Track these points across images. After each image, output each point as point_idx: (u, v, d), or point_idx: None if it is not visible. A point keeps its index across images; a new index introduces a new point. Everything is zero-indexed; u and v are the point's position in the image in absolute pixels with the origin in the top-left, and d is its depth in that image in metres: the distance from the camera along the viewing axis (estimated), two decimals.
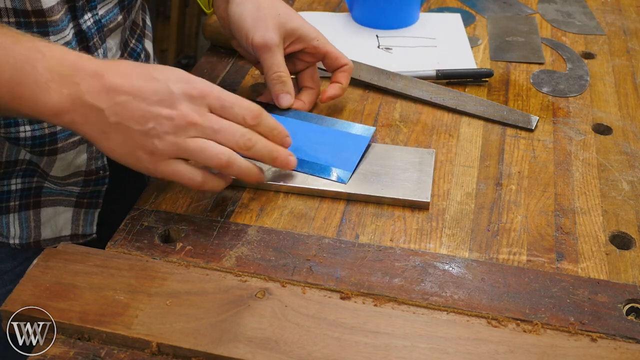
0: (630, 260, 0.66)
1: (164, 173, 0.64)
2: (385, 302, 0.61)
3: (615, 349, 0.57)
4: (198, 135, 0.63)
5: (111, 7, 0.78)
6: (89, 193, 0.82)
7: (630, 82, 0.94)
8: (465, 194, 0.74)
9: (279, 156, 0.69)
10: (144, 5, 0.98)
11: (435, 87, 0.90)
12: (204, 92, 0.64)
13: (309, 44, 0.80)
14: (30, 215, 0.81)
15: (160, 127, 0.62)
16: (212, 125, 0.64)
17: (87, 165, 0.78)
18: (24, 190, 0.80)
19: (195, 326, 0.58)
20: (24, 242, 0.82)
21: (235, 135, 0.65)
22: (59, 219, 0.83)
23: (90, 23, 0.75)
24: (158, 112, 0.62)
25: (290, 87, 0.78)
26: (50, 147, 0.75)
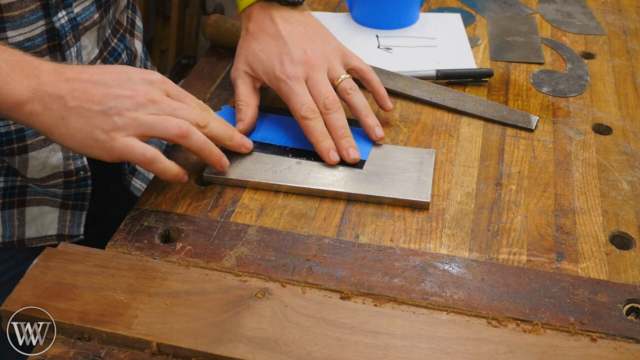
0: (630, 260, 0.66)
1: (119, 150, 0.65)
2: (385, 302, 0.61)
3: (615, 349, 0.57)
4: (156, 113, 0.67)
5: (87, 5, 0.78)
6: (73, 195, 0.81)
7: (630, 82, 0.94)
8: (465, 194, 0.74)
9: (235, 135, 0.73)
10: (134, 6, 0.98)
11: (435, 87, 0.90)
12: (162, 80, 0.69)
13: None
14: (14, 214, 0.81)
15: (121, 105, 0.65)
16: (170, 104, 0.68)
17: (64, 166, 0.77)
18: (7, 188, 0.79)
19: (195, 326, 0.58)
20: (6, 240, 0.81)
21: (192, 113, 0.69)
22: (45, 218, 0.82)
23: (65, 21, 0.75)
24: (118, 93, 0.66)
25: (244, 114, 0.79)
26: (18, 144, 0.74)
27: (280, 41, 0.78)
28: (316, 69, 0.77)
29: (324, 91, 0.76)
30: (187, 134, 0.67)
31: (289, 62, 0.77)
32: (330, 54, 0.79)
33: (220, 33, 0.99)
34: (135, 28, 0.96)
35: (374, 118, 0.78)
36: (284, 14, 0.81)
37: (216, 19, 1.00)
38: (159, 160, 0.66)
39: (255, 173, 0.74)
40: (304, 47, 0.78)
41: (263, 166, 0.75)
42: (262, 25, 0.80)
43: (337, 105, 0.76)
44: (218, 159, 0.71)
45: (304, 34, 0.79)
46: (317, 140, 0.75)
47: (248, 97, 0.79)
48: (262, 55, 0.78)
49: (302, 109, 0.75)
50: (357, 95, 0.78)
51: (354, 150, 0.75)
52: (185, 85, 0.91)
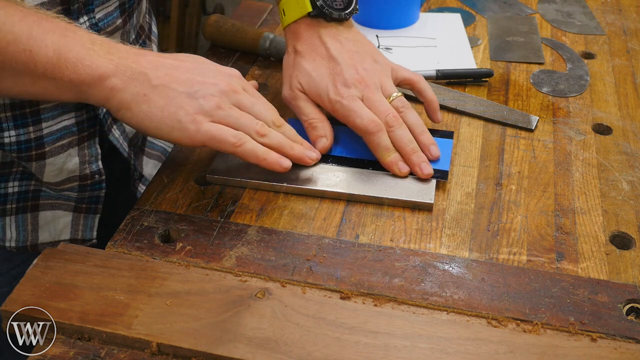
0: (630, 260, 0.66)
1: (206, 133, 0.66)
2: (385, 302, 0.61)
3: (615, 349, 0.57)
4: (236, 103, 0.68)
5: (111, 10, 0.78)
6: (87, 198, 0.81)
7: (630, 82, 0.94)
8: (465, 194, 0.74)
9: (304, 141, 0.74)
10: (150, 10, 0.98)
11: (435, 87, 0.90)
12: (239, 75, 0.72)
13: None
14: (27, 219, 0.81)
15: (205, 90, 0.67)
16: (249, 98, 0.70)
17: (80, 170, 0.77)
18: (21, 193, 0.79)
19: (195, 326, 0.58)
20: (20, 245, 0.81)
21: (268, 112, 0.71)
22: (58, 223, 0.82)
23: (86, 26, 0.75)
24: (202, 79, 0.68)
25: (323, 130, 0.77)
26: (37, 151, 0.74)
27: (332, 62, 0.77)
28: (371, 89, 0.76)
29: (383, 109, 0.75)
30: (266, 132, 0.68)
31: (342, 83, 0.76)
32: (380, 72, 0.78)
33: (220, 33, 0.99)
34: (152, 33, 0.96)
35: (429, 136, 0.77)
36: (333, 32, 0.79)
37: (216, 19, 1.00)
38: (248, 141, 0.67)
39: (258, 174, 0.74)
40: (356, 66, 0.77)
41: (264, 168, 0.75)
42: (310, 44, 0.79)
43: (400, 121, 0.75)
44: (301, 152, 0.72)
45: (355, 53, 0.78)
46: (383, 155, 0.74)
47: (317, 113, 0.78)
48: (314, 75, 0.77)
49: (365, 123, 0.74)
50: (411, 113, 0.77)
51: (426, 165, 0.74)
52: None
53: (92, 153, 0.77)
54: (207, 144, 0.67)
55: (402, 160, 0.74)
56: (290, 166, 0.69)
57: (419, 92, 0.81)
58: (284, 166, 0.68)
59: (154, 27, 0.98)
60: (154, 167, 0.92)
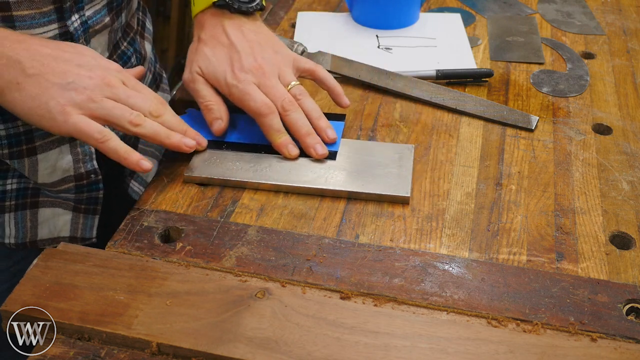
0: (630, 260, 0.66)
1: (73, 126, 0.66)
2: (385, 302, 0.61)
3: (615, 349, 0.57)
4: (111, 96, 0.68)
5: (98, 8, 0.78)
6: (85, 200, 0.81)
7: (630, 82, 0.94)
8: (465, 194, 0.74)
9: (188, 130, 0.74)
10: (144, 8, 0.98)
11: (435, 87, 0.90)
12: (119, 69, 0.72)
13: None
14: (27, 215, 0.81)
15: (79, 82, 0.67)
16: (126, 91, 0.70)
17: (75, 169, 0.77)
18: (20, 190, 0.79)
19: (195, 326, 0.58)
20: (19, 241, 0.81)
21: (146, 103, 0.71)
22: (58, 220, 0.83)
23: (77, 24, 0.75)
24: (78, 71, 0.68)
25: (219, 112, 0.78)
26: (28, 146, 0.74)
27: (232, 49, 0.79)
28: (267, 76, 0.77)
29: (279, 94, 0.77)
30: (139, 121, 0.69)
31: (240, 68, 0.77)
32: (280, 61, 0.80)
33: None
34: (146, 30, 0.96)
35: (325, 121, 0.79)
36: (236, 23, 0.81)
37: None
38: (113, 138, 0.67)
39: (237, 172, 0.74)
40: (255, 55, 0.79)
41: (244, 165, 0.75)
42: (214, 32, 0.81)
43: (295, 105, 0.77)
44: (178, 141, 0.71)
45: (255, 42, 0.80)
46: (274, 137, 0.76)
47: (214, 95, 0.79)
48: (213, 60, 0.79)
49: (257, 106, 0.75)
50: (307, 100, 0.79)
51: (320, 146, 0.76)
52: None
53: (85, 151, 0.77)
54: (74, 136, 0.68)
55: (292, 143, 0.76)
56: (150, 167, 0.69)
57: (320, 80, 0.82)
58: (143, 167, 0.69)
59: (149, 24, 0.98)
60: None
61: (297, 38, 1.02)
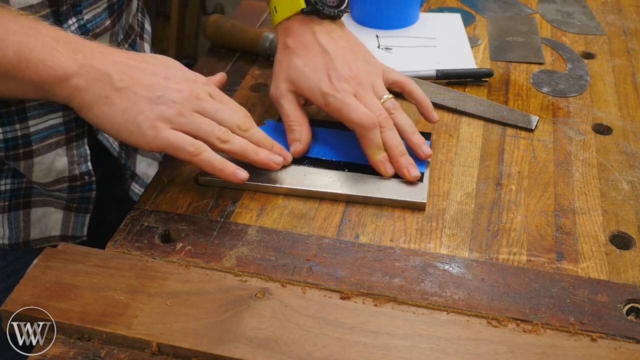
0: (630, 260, 0.66)
1: (164, 140, 0.66)
2: (385, 302, 0.61)
3: (615, 349, 0.57)
4: (199, 110, 0.68)
5: (99, 11, 0.77)
6: (77, 199, 0.81)
7: (630, 82, 0.94)
8: (465, 194, 0.74)
9: (275, 145, 0.74)
10: (143, 9, 0.98)
11: (435, 87, 0.90)
12: (206, 81, 0.72)
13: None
14: (20, 216, 0.81)
15: (168, 96, 0.66)
16: (214, 104, 0.69)
17: (69, 171, 0.77)
18: (13, 191, 0.79)
19: (195, 326, 0.58)
20: (12, 242, 0.81)
21: (234, 116, 0.70)
22: (49, 219, 0.82)
23: (75, 28, 0.74)
24: (166, 84, 0.67)
25: (299, 134, 0.77)
26: (24, 149, 0.74)
27: (326, 56, 0.76)
28: (364, 87, 0.75)
29: (376, 109, 0.74)
30: (228, 138, 0.68)
31: (337, 77, 0.75)
32: (372, 72, 0.78)
33: (221, 33, 0.99)
34: (145, 32, 0.96)
35: (420, 136, 0.76)
36: (326, 29, 0.79)
37: (216, 19, 1.00)
38: (206, 151, 0.67)
39: (251, 176, 0.74)
40: (349, 63, 0.76)
41: (258, 168, 0.75)
42: (303, 40, 0.78)
43: (391, 122, 0.75)
44: (266, 157, 0.71)
45: (348, 50, 0.78)
46: (373, 152, 0.74)
47: (299, 116, 0.77)
48: (306, 70, 0.76)
49: (360, 118, 0.73)
50: (401, 115, 0.77)
51: (413, 167, 0.73)
52: None
53: (81, 154, 0.77)
54: (165, 151, 0.67)
55: (389, 160, 0.74)
56: (247, 177, 0.69)
57: (410, 94, 0.81)
58: (239, 177, 0.68)
59: (147, 26, 0.98)
60: (147, 165, 0.92)
61: None
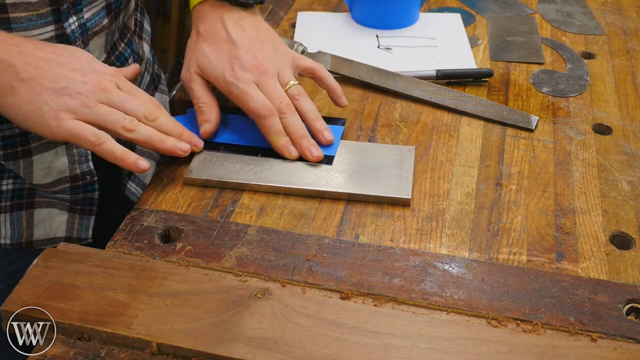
0: (630, 260, 0.66)
1: (67, 131, 0.66)
2: (385, 302, 0.61)
3: (615, 349, 0.57)
4: (105, 101, 0.68)
5: (97, 10, 0.78)
6: (81, 200, 0.81)
7: (630, 82, 0.94)
8: (465, 194, 0.74)
9: (184, 132, 0.74)
10: (142, 9, 0.98)
11: (435, 87, 0.90)
12: (114, 72, 0.71)
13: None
14: (22, 216, 0.81)
15: (73, 87, 0.67)
16: (120, 95, 0.70)
17: (70, 170, 0.77)
18: (16, 190, 0.79)
19: (195, 326, 0.58)
20: (15, 242, 0.81)
21: (141, 106, 0.70)
22: (54, 220, 0.82)
23: (75, 26, 0.75)
24: (72, 76, 0.68)
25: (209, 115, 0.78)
26: (23, 147, 0.74)
27: (231, 45, 0.78)
28: (267, 75, 0.77)
29: (277, 96, 0.76)
30: (134, 127, 0.69)
31: (239, 66, 0.77)
32: (280, 59, 0.79)
33: None
34: (144, 31, 0.96)
35: (322, 122, 0.79)
36: (235, 16, 0.81)
37: None
38: (108, 140, 0.68)
39: (237, 174, 0.74)
40: (255, 52, 0.78)
41: (244, 166, 0.75)
42: (213, 27, 0.80)
43: (292, 108, 0.77)
44: (173, 145, 0.71)
45: (255, 39, 0.79)
46: (274, 139, 0.76)
47: (208, 97, 0.79)
48: (212, 57, 0.78)
49: (258, 107, 0.75)
50: (306, 101, 0.79)
51: (315, 148, 0.76)
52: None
53: (81, 153, 0.77)
54: (69, 140, 0.68)
55: (292, 144, 0.76)
56: (148, 167, 0.69)
57: (320, 79, 0.82)
58: (140, 167, 0.69)
59: (147, 25, 0.98)
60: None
61: (297, 38, 1.02)
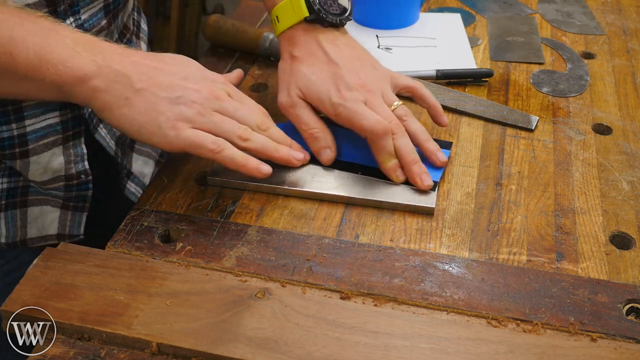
0: (630, 260, 0.66)
1: (185, 139, 0.66)
2: (385, 302, 0.61)
3: (615, 349, 0.57)
4: (219, 110, 0.68)
5: (95, 11, 0.77)
6: (74, 198, 0.81)
7: (630, 82, 0.94)
8: (465, 194, 0.74)
9: (293, 144, 0.73)
10: (139, 9, 0.98)
11: (435, 87, 0.90)
12: (224, 80, 0.71)
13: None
14: (17, 215, 0.81)
15: (187, 96, 0.66)
16: (233, 104, 0.69)
17: (65, 170, 0.77)
18: (10, 189, 0.79)
19: (195, 326, 0.58)
20: (10, 241, 0.81)
21: (253, 115, 0.70)
22: (46, 218, 0.82)
23: (73, 28, 0.75)
24: (185, 84, 0.67)
25: (325, 141, 0.75)
26: (20, 149, 0.74)
27: (333, 65, 0.75)
28: (373, 94, 0.74)
29: (386, 115, 0.73)
30: (249, 136, 0.68)
31: (345, 87, 0.74)
32: (381, 79, 0.77)
33: (221, 33, 0.99)
34: (141, 31, 0.96)
35: (434, 143, 0.76)
36: (330, 37, 0.78)
37: (216, 19, 1.00)
38: (227, 147, 0.67)
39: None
40: (357, 71, 0.75)
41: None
42: (308, 48, 0.77)
43: (403, 129, 0.74)
44: (287, 154, 0.71)
45: (355, 58, 0.77)
46: (384, 160, 0.73)
47: (318, 122, 0.76)
48: (314, 79, 0.75)
49: (372, 124, 0.72)
50: (414, 122, 0.76)
51: (427, 176, 0.73)
52: None
53: (77, 153, 0.77)
54: (187, 150, 0.66)
55: (400, 167, 0.73)
56: (270, 172, 0.68)
57: (420, 98, 0.80)
58: (263, 172, 0.68)
59: (144, 25, 0.97)
60: (143, 164, 0.92)
61: None
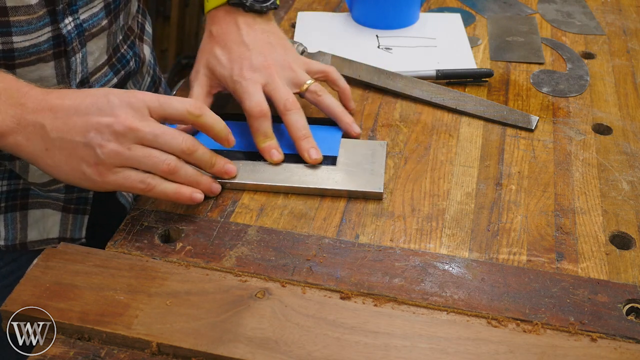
0: (630, 260, 0.66)
1: (113, 183, 0.64)
2: (385, 302, 0.61)
3: (615, 349, 0.57)
4: (138, 141, 0.64)
5: (96, 11, 0.78)
6: (75, 199, 0.81)
7: (630, 82, 0.94)
8: (465, 194, 0.74)
9: (217, 162, 0.71)
10: (144, 11, 0.98)
11: (435, 87, 0.90)
12: (142, 97, 0.66)
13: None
14: (17, 217, 0.81)
15: (101, 136, 0.63)
16: (152, 130, 0.65)
17: None
18: (10, 192, 0.79)
19: (195, 326, 0.58)
20: (9, 243, 0.81)
21: (176, 140, 0.66)
22: (47, 221, 0.82)
23: (71, 27, 0.74)
24: (97, 120, 0.63)
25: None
26: None
27: (243, 47, 0.79)
28: (275, 76, 0.77)
29: (283, 94, 0.76)
30: (174, 170, 0.66)
31: (248, 66, 0.77)
32: (291, 62, 0.80)
33: None
34: (145, 33, 0.96)
35: (349, 116, 0.80)
36: (249, 21, 0.82)
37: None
38: (157, 184, 0.66)
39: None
40: (265, 54, 0.79)
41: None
42: (226, 29, 0.81)
43: (297, 106, 0.77)
44: (208, 187, 0.70)
45: (267, 42, 0.80)
46: (258, 140, 0.76)
47: (200, 100, 0.79)
48: (223, 59, 0.79)
49: (251, 106, 0.75)
50: (328, 96, 0.79)
51: (315, 151, 0.75)
52: (184, 85, 0.91)
53: None
54: (122, 189, 0.66)
55: (277, 148, 0.75)
56: (202, 198, 0.68)
57: (333, 82, 0.83)
58: (196, 201, 0.68)
59: (148, 27, 0.98)
60: None
61: (297, 38, 1.02)
